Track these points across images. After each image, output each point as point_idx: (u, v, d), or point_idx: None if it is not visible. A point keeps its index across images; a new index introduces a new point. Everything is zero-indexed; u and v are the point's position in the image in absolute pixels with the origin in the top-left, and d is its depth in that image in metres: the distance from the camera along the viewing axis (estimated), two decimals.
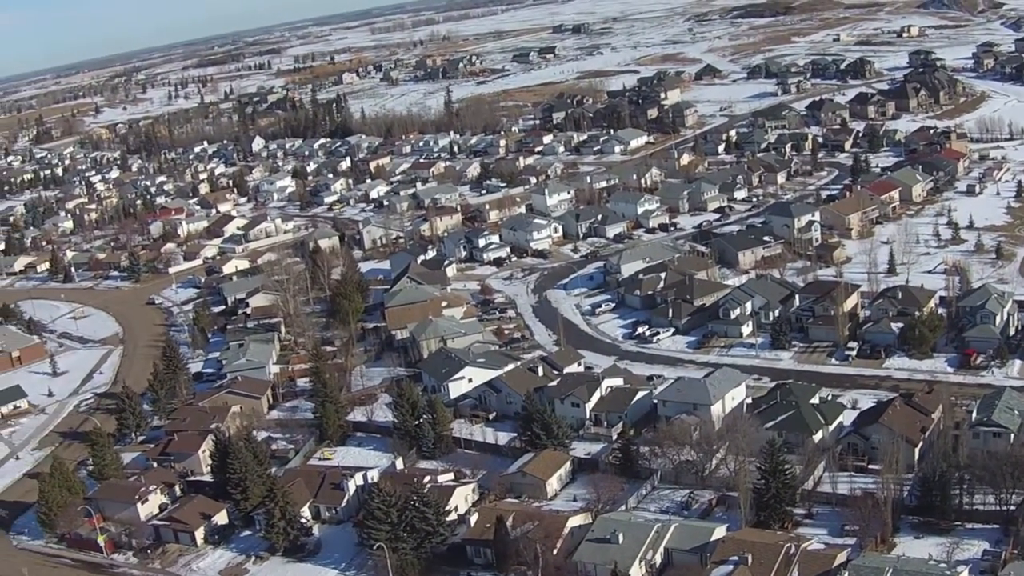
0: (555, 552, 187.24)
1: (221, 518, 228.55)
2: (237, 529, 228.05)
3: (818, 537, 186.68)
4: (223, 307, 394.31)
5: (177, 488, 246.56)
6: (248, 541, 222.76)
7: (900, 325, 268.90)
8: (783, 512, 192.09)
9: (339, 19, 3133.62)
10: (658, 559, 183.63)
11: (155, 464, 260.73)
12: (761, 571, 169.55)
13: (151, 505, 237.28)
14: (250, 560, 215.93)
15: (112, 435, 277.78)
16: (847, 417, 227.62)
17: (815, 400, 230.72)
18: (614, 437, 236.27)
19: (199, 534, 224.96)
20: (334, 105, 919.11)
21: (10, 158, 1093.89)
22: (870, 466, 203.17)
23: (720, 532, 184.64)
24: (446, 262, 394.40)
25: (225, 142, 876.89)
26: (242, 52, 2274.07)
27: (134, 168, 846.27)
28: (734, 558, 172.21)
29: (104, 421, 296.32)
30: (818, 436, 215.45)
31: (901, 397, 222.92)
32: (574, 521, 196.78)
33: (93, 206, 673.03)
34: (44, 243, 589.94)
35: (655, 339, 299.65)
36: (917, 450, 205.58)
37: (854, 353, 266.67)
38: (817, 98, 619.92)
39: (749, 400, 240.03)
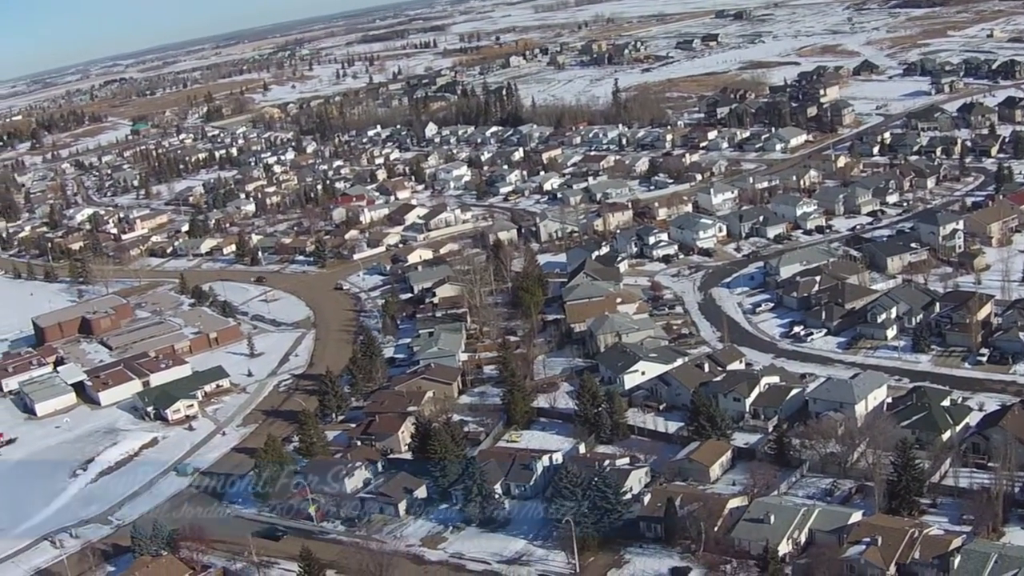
0: (716, 529, 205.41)
1: (421, 493, 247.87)
2: (435, 503, 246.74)
3: (939, 524, 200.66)
4: (409, 295, 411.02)
5: (379, 465, 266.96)
6: (446, 513, 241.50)
7: None
8: (911, 502, 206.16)
9: None
10: (803, 538, 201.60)
11: (358, 443, 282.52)
12: (888, 552, 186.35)
13: (356, 479, 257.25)
14: (448, 530, 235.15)
15: (315, 414, 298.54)
16: (973, 419, 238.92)
17: (946, 403, 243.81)
18: (770, 429, 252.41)
19: (402, 506, 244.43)
20: (504, 92, 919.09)
21: (183, 136, 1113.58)
22: (989, 464, 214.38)
23: (856, 517, 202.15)
24: (619, 258, 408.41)
25: (398, 126, 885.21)
26: (406, 28, 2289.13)
27: (308, 150, 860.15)
28: (867, 539, 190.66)
29: (304, 401, 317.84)
30: (946, 435, 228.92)
31: (1020, 403, 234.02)
32: (733, 503, 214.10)
33: (272, 189, 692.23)
34: (227, 225, 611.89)
35: (809, 339, 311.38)
36: None
37: (985, 359, 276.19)
38: (968, 99, 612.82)
39: (889, 400, 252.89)
